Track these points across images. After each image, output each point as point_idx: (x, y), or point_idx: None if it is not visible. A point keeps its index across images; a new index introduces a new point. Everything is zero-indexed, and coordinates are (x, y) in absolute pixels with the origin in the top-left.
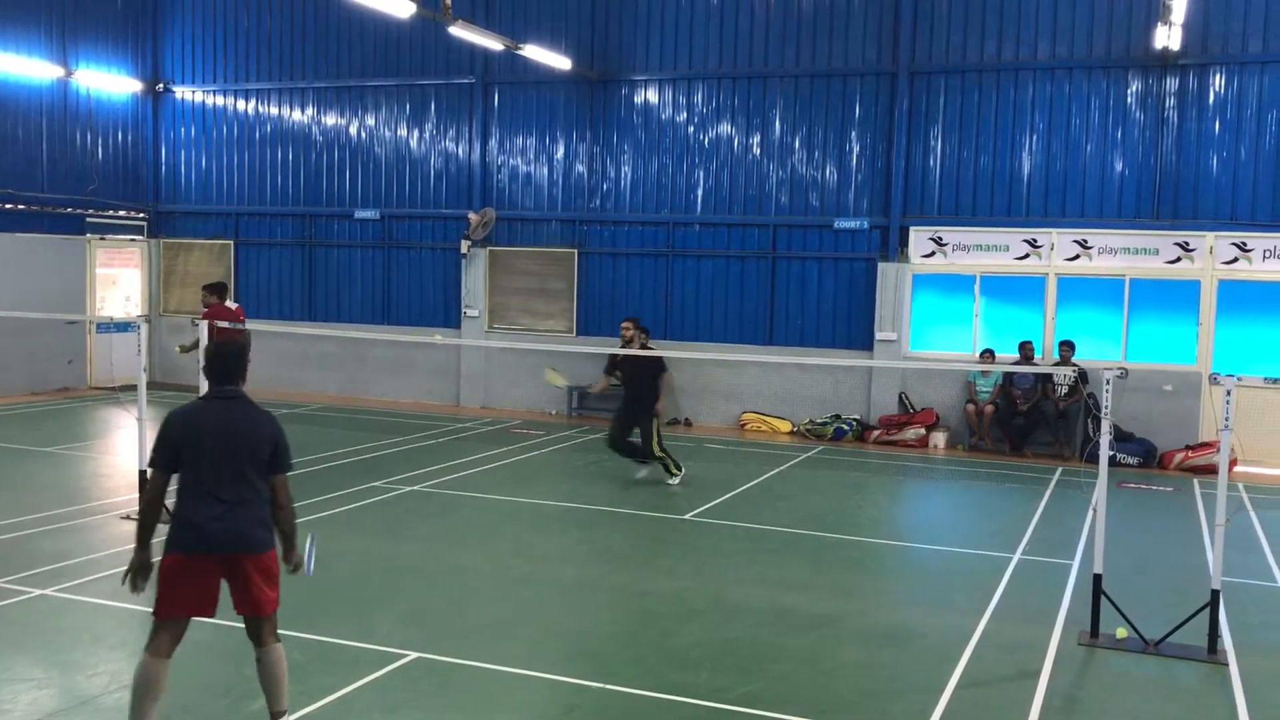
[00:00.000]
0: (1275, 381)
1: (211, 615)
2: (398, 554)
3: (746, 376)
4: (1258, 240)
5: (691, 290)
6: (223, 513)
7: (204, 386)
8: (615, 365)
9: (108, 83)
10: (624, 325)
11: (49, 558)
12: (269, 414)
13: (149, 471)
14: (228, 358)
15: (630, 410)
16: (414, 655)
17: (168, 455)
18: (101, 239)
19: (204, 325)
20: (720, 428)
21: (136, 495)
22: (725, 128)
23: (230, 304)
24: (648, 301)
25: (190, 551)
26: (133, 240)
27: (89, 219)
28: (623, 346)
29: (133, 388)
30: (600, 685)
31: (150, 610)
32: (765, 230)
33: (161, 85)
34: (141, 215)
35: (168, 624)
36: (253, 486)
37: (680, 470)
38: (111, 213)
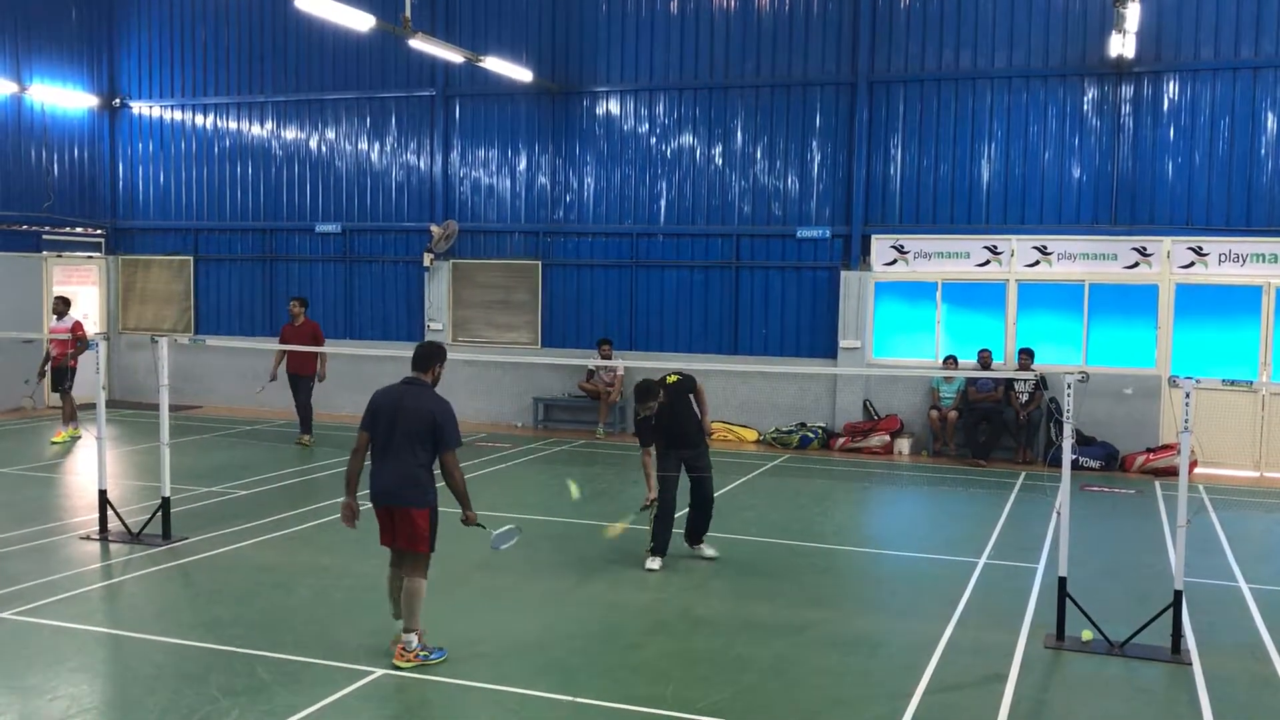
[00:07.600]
0: (1233, 383)
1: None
2: (361, 571)
3: (712, 386)
4: (1213, 244)
5: (656, 301)
6: (385, 472)
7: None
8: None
9: (63, 98)
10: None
11: (6, 580)
12: (440, 401)
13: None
14: (418, 353)
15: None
16: (380, 672)
17: (366, 420)
18: (58, 256)
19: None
20: None
21: (96, 515)
22: (687, 138)
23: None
24: (612, 312)
25: (373, 503)
26: (90, 257)
27: (45, 236)
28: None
29: (91, 406)
30: (568, 698)
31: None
32: (729, 240)
33: (118, 100)
34: (99, 232)
35: (390, 551)
36: (413, 454)
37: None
38: (68, 230)
